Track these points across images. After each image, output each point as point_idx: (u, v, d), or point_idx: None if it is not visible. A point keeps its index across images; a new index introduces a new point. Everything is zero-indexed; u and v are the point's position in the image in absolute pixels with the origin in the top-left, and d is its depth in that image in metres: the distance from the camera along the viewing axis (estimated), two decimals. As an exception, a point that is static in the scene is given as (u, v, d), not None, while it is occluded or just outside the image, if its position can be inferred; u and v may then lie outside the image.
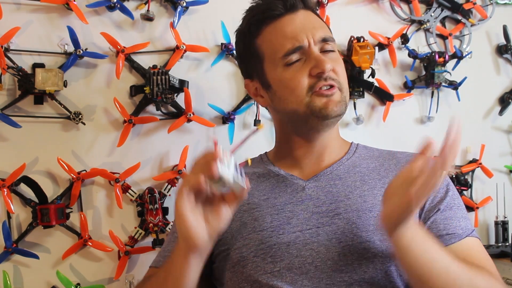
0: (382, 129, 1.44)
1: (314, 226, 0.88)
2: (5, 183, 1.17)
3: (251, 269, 0.87)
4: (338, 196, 0.91)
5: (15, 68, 1.18)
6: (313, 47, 0.92)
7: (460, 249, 0.87)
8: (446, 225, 0.89)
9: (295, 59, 0.92)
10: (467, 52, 1.51)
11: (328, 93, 0.90)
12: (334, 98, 0.91)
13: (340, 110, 0.92)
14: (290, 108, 0.93)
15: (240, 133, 1.34)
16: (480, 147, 1.50)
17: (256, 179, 0.99)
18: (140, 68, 1.26)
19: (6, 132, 1.20)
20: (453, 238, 0.88)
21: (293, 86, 0.92)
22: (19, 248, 1.19)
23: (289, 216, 0.90)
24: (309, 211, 0.90)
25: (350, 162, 0.98)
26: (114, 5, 1.23)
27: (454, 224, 0.89)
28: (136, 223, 1.27)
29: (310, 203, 0.91)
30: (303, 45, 0.92)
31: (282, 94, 0.94)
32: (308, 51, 0.92)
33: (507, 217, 1.49)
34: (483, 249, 0.91)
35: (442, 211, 0.90)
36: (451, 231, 0.88)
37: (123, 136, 1.24)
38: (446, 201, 0.92)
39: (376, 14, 1.46)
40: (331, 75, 0.91)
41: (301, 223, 0.89)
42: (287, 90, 0.93)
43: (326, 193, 0.92)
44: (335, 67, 0.92)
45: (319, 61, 0.90)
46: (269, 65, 0.95)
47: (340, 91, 0.92)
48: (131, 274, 1.26)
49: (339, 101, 0.91)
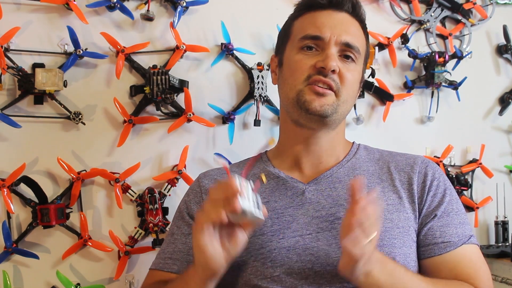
0: (382, 129, 1.44)
1: (314, 231, 0.88)
2: (5, 183, 1.17)
3: (250, 274, 0.87)
4: (338, 200, 0.91)
5: (15, 68, 1.18)
6: (332, 44, 0.92)
7: (454, 258, 0.88)
8: (442, 233, 0.90)
9: (310, 45, 0.92)
10: (467, 52, 1.51)
11: (319, 91, 0.90)
12: (324, 99, 0.90)
13: (325, 112, 0.90)
14: (284, 91, 0.95)
15: (240, 133, 1.34)
16: (480, 147, 1.50)
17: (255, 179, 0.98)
18: (140, 68, 1.26)
19: (6, 132, 1.20)
20: (448, 246, 0.89)
21: (295, 68, 0.93)
22: (19, 248, 1.19)
23: (289, 220, 0.90)
24: (309, 215, 0.90)
25: (350, 164, 0.98)
26: (114, 5, 1.23)
27: (451, 231, 0.90)
28: (136, 223, 1.27)
29: (310, 207, 0.91)
30: (322, 37, 0.92)
31: (285, 74, 0.95)
32: (325, 45, 0.92)
33: (507, 217, 1.49)
34: (479, 256, 0.91)
35: (439, 218, 0.91)
36: (446, 239, 0.89)
37: (123, 136, 1.24)
38: (444, 206, 0.92)
39: (376, 14, 1.46)
40: (334, 76, 0.90)
41: (301, 227, 0.89)
42: (290, 71, 0.94)
43: (326, 197, 0.92)
44: (343, 72, 0.91)
45: (327, 57, 0.90)
46: (290, 45, 0.97)
47: (336, 97, 0.91)
48: (131, 274, 1.26)
49: (328, 104, 0.90)
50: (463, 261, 0.89)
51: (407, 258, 0.88)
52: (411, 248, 0.89)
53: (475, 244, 0.91)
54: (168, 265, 0.94)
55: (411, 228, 0.90)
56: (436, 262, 0.89)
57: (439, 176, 0.96)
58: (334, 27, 0.93)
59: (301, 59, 0.93)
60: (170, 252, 0.96)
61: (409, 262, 0.88)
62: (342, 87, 0.91)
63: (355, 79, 0.94)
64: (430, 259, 0.90)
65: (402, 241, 0.88)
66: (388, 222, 0.88)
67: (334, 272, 0.84)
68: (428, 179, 0.94)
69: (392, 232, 0.87)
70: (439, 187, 0.94)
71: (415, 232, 0.91)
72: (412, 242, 0.90)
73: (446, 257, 0.88)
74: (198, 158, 1.31)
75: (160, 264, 0.96)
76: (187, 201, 1.00)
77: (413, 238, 0.90)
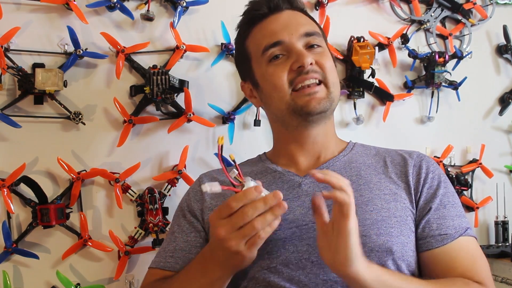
0: (382, 129, 1.44)
1: (310, 222, 0.88)
2: (5, 183, 1.17)
3: (247, 266, 0.87)
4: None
5: (15, 68, 1.18)
6: (295, 41, 0.93)
7: (452, 250, 0.89)
8: (439, 225, 0.90)
9: (276, 53, 0.93)
10: (467, 52, 1.51)
11: (310, 91, 0.91)
12: (317, 95, 0.91)
13: (324, 107, 0.92)
14: (275, 105, 0.95)
15: (240, 133, 1.34)
16: (480, 147, 1.50)
17: (254, 176, 0.99)
18: (140, 68, 1.26)
19: (6, 132, 1.20)
20: (445, 239, 0.89)
21: (274, 81, 0.93)
22: (19, 248, 1.19)
23: (285, 212, 0.90)
24: (305, 207, 0.90)
25: (346, 158, 0.99)
26: (114, 5, 1.23)
27: (447, 223, 0.90)
28: (136, 223, 1.27)
29: (306, 199, 0.91)
30: (282, 40, 0.93)
31: (267, 91, 0.96)
32: (289, 46, 0.93)
33: (507, 217, 1.49)
34: (476, 248, 0.91)
35: (435, 210, 0.91)
36: (443, 231, 0.89)
37: (123, 136, 1.24)
38: (439, 199, 0.92)
39: (376, 14, 1.46)
40: (314, 68, 0.91)
41: (297, 219, 0.89)
42: (270, 85, 0.94)
43: (322, 188, 0.92)
44: (319, 60, 0.93)
45: (299, 55, 0.91)
46: (255, 63, 0.97)
47: (325, 86, 0.92)
48: (131, 274, 1.26)
49: (323, 98, 0.92)
50: (460, 254, 0.89)
51: (404, 247, 0.88)
52: (408, 237, 0.89)
53: (472, 236, 0.92)
54: (170, 264, 0.94)
55: (408, 218, 0.91)
56: (434, 255, 0.89)
57: (434, 169, 0.96)
58: (286, 26, 0.94)
59: (274, 69, 0.93)
60: (171, 250, 0.96)
61: (407, 251, 0.88)
62: (326, 73, 0.93)
63: (330, 59, 0.96)
64: (428, 252, 0.90)
65: (399, 230, 0.88)
66: (385, 211, 0.88)
67: None
68: (423, 172, 0.95)
69: (389, 221, 0.88)
70: (434, 180, 0.94)
71: (413, 222, 0.91)
72: (410, 231, 0.90)
73: (444, 250, 0.89)
74: (198, 158, 1.31)
75: (161, 263, 0.96)
76: (188, 199, 1.01)
77: (411, 228, 0.90)
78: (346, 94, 1.41)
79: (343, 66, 1.42)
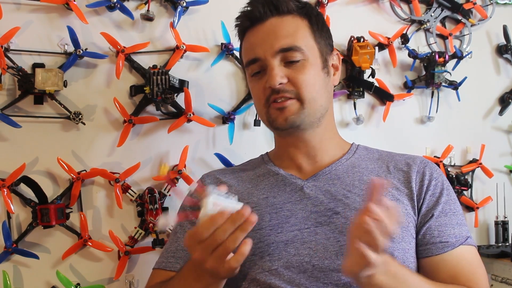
0: (382, 129, 1.44)
1: (313, 225, 0.88)
2: (5, 183, 1.17)
3: (249, 268, 0.87)
4: (336, 195, 0.92)
5: (15, 68, 1.18)
6: (269, 59, 0.92)
7: (452, 258, 0.89)
8: (440, 232, 0.90)
9: (256, 70, 0.95)
10: (467, 52, 1.51)
11: (279, 106, 0.92)
12: (287, 110, 0.92)
13: (293, 122, 0.92)
14: (260, 115, 1.00)
15: (240, 133, 1.34)
16: (480, 147, 1.50)
17: (256, 178, 1.00)
18: (140, 68, 1.26)
19: (6, 132, 1.20)
20: (445, 247, 0.89)
21: (255, 95, 0.98)
22: (19, 248, 1.18)
23: (287, 215, 0.91)
24: (307, 210, 0.91)
25: (349, 162, 0.98)
26: (114, 5, 1.23)
27: (448, 231, 0.91)
28: (136, 223, 1.27)
29: (308, 202, 0.91)
30: (258, 57, 0.94)
31: (254, 101, 1.02)
32: (265, 64, 0.94)
33: (507, 217, 1.49)
34: (476, 258, 0.92)
35: (437, 217, 0.91)
36: (444, 239, 0.90)
37: (123, 136, 1.24)
38: (441, 206, 0.92)
39: (376, 14, 1.46)
40: (284, 87, 0.91)
41: (299, 222, 0.89)
42: (255, 98, 0.99)
43: (325, 192, 0.92)
44: (294, 77, 0.92)
45: (269, 77, 0.92)
46: (246, 72, 1.01)
47: (298, 102, 0.92)
48: (131, 274, 1.26)
49: (295, 112, 0.92)
50: (461, 262, 0.89)
51: (405, 253, 0.88)
52: (410, 243, 0.90)
53: (472, 245, 0.92)
54: (171, 264, 0.95)
55: (410, 224, 0.91)
56: (434, 262, 0.90)
57: (438, 176, 0.96)
58: (263, 42, 0.93)
59: (254, 85, 0.97)
60: (173, 250, 0.96)
61: (408, 257, 0.89)
62: (299, 90, 0.92)
63: (308, 75, 0.93)
64: (428, 259, 0.90)
65: (401, 236, 0.88)
66: None
67: (332, 265, 0.85)
68: (426, 179, 0.95)
69: None
70: (437, 187, 0.94)
71: (414, 228, 0.92)
72: (411, 238, 0.90)
73: (444, 257, 0.89)
74: (198, 158, 1.31)
75: (163, 263, 0.96)
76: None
77: (412, 234, 0.91)
78: (346, 94, 1.41)
79: (343, 66, 1.42)
